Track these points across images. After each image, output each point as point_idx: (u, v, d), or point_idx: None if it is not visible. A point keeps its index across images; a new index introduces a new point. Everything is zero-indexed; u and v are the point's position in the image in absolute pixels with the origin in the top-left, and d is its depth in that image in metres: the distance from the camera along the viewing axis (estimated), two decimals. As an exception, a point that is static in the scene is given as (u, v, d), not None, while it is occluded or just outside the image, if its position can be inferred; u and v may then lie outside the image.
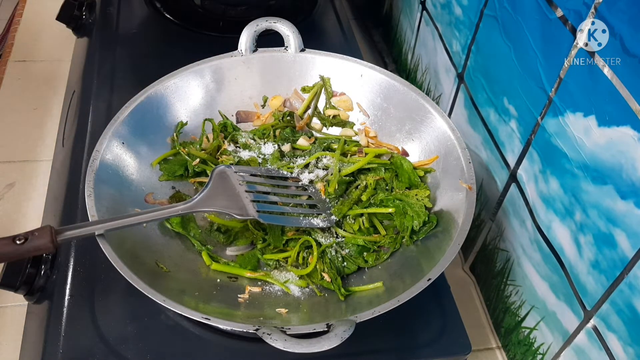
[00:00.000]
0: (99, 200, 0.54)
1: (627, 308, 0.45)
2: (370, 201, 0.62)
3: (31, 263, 0.58)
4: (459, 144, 0.61)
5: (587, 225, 0.49)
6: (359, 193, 0.63)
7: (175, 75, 0.66)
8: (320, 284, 0.57)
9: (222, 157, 0.67)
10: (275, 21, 0.69)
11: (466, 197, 0.57)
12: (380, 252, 0.60)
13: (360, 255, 0.60)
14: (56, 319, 0.55)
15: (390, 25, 1.01)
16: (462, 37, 0.70)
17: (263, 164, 0.66)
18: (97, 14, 0.91)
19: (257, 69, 0.70)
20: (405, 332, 0.58)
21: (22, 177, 0.79)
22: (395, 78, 0.68)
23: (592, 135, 0.47)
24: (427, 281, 0.50)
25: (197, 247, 0.59)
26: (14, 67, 0.94)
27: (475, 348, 0.62)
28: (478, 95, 0.67)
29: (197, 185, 0.66)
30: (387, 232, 0.61)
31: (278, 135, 0.69)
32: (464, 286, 0.73)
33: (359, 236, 0.60)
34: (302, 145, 0.68)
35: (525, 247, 0.60)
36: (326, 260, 0.59)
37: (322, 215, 0.61)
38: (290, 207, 0.60)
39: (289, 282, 0.58)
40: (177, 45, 0.87)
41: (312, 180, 0.64)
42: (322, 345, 0.44)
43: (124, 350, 0.53)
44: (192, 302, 0.50)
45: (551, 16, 0.51)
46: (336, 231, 0.61)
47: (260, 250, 0.60)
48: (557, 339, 0.56)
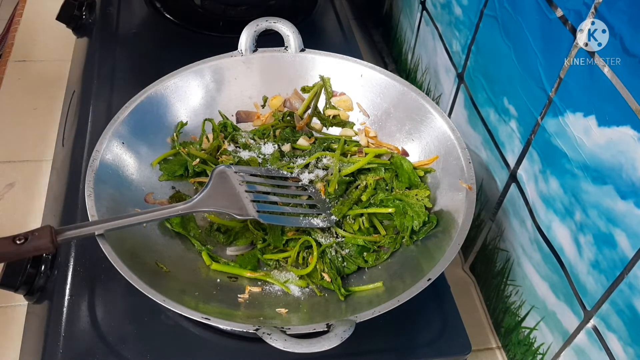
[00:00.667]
0: (99, 200, 0.54)
1: (627, 308, 0.45)
2: (370, 201, 0.62)
3: (31, 263, 0.58)
4: (458, 144, 0.61)
5: (587, 225, 0.49)
6: (359, 193, 0.63)
7: (175, 75, 0.66)
8: (320, 284, 0.57)
9: (222, 157, 0.67)
10: (275, 21, 0.69)
11: (466, 197, 0.57)
12: (380, 252, 0.60)
13: (360, 255, 0.60)
14: (56, 319, 0.55)
15: (390, 25, 1.01)
16: (462, 37, 0.70)
17: (263, 164, 0.66)
18: (97, 13, 0.91)
19: (257, 69, 0.70)
20: (405, 332, 0.58)
21: (22, 177, 0.79)
22: (395, 78, 0.68)
23: (592, 135, 0.47)
24: (427, 281, 0.50)
25: (197, 247, 0.59)
26: (14, 67, 0.94)
27: (475, 348, 0.62)
28: (478, 95, 0.67)
29: (197, 185, 0.66)
30: (387, 232, 0.61)
31: (278, 135, 0.69)
32: (464, 286, 0.73)
33: (359, 236, 0.60)
34: (302, 145, 0.68)
35: (525, 247, 0.60)
36: (326, 260, 0.59)
37: (322, 215, 0.61)
38: (290, 207, 0.60)
39: (289, 282, 0.58)
40: (177, 45, 0.87)
41: (312, 180, 0.64)
42: (322, 345, 0.44)
43: (124, 350, 0.53)
44: (192, 302, 0.50)
45: (551, 16, 0.51)
46: (336, 231, 0.61)
47: (260, 250, 0.60)
48: (557, 339, 0.56)
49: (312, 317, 0.55)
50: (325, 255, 0.59)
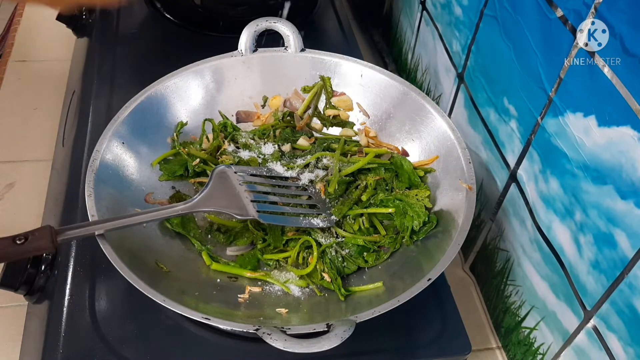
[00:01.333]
0: (99, 200, 0.54)
1: (627, 308, 0.45)
2: (370, 201, 0.62)
3: (31, 263, 0.58)
4: (459, 144, 0.61)
5: (587, 225, 0.49)
6: (359, 193, 0.63)
7: (175, 75, 0.66)
8: (320, 284, 0.57)
9: (222, 157, 0.67)
10: (275, 21, 0.69)
11: (466, 197, 0.57)
12: (380, 252, 0.60)
13: (360, 255, 0.59)
14: (56, 319, 0.55)
15: (390, 25, 1.01)
16: (462, 37, 0.70)
17: (263, 164, 0.66)
18: (97, 14, 0.91)
19: (257, 69, 0.70)
20: (405, 332, 0.58)
21: (22, 177, 0.79)
22: (395, 78, 0.68)
23: (592, 135, 0.47)
24: (427, 281, 0.50)
25: (197, 247, 0.59)
26: (14, 67, 0.94)
27: (475, 348, 0.62)
28: (478, 95, 0.67)
29: (197, 185, 0.65)
30: (387, 232, 0.61)
31: (278, 135, 0.69)
32: (464, 286, 0.73)
33: (359, 236, 0.60)
34: (302, 145, 0.68)
35: (525, 247, 0.60)
36: (326, 261, 0.59)
37: (322, 215, 0.61)
38: (290, 207, 0.60)
39: (289, 282, 0.58)
40: (177, 45, 0.87)
41: (312, 180, 0.64)
42: (322, 345, 0.44)
43: (124, 350, 0.53)
44: (192, 302, 0.50)
45: (551, 16, 0.51)
46: (336, 231, 0.61)
47: (260, 250, 0.60)
48: (557, 339, 0.56)
49: (312, 317, 0.55)
50: (326, 255, 0.59)
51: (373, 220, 0.62)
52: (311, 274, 0.58)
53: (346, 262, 0.59)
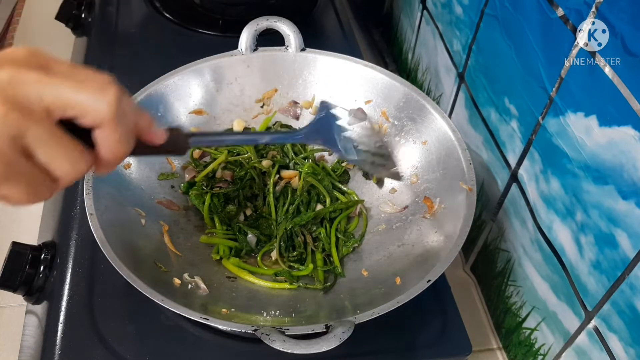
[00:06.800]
0: (98, 199, 0.54)
1: (628, 309, 0.45)
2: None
3: (30, 264, 0.58)
4: (459, 145, 0.61)
5: (588, 226, 0.49)
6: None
7: (175, 74, 0.66)
8: (318, 278, 0.58)
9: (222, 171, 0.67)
10: (275, 20, 0.68)
11: (466, 199, 0.56)
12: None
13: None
14: (55, 319, 0.55)
15: (391, 25, 1.01)
16: (463, 36, 0.69)
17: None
18: (96, 13, 0.91)
19: (257, 69, 0.70)
20: (406, 333, 0.57)
21: (21, 177, 0.79)
22: (396, 78, 0.68)
23: (593, 135, 0.47)
24: (427, 282, 0.50)
25: (207, 222, 0.62)
26: (14, 67, 0.94)
27: (476, 349, 0.62)
28: (479, 95, 0.67)
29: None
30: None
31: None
32: (465, 287, 0.73)
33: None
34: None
35: (526, 248, 0.60)
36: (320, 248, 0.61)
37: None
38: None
39: (287, 282, 0.58)
40: (176, 44, 0.87)
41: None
42: (321, 346, 0.44)
43: (123, 351, 0.53)
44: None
45: (552, 15, 0.51)
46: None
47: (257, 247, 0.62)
48: (558, 339, 0.56)
49: (311, 318, 0.55)
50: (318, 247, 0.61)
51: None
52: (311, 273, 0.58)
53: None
